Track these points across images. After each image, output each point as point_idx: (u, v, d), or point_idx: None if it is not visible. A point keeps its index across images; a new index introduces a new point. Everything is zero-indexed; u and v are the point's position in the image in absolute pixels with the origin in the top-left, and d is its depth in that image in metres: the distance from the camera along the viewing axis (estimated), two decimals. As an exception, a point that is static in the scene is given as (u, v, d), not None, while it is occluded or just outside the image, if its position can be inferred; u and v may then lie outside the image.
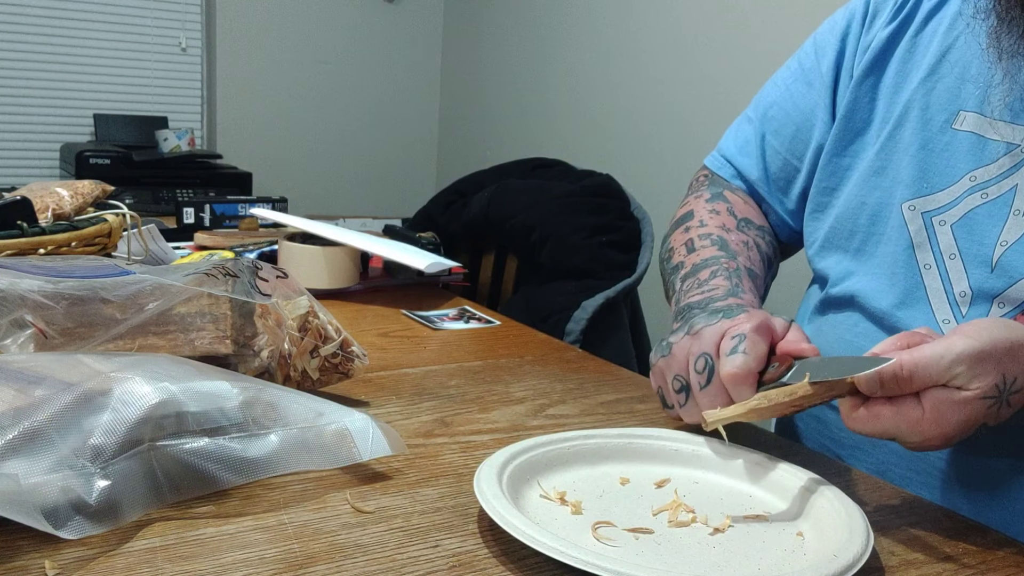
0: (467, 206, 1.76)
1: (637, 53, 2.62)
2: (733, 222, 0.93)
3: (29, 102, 2.96)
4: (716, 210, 0.94)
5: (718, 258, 0.86)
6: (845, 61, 0.90)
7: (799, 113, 0.94)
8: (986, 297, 0.75)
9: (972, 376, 0.59)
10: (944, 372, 0.59)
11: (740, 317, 0.70)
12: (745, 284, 0.82)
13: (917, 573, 0.57)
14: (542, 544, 0.51)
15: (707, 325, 0.71)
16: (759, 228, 0.95)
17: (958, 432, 0.61)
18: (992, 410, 0.60)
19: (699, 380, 0.69)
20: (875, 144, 0.84)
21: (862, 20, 0.89)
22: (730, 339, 0.68)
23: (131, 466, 0.55)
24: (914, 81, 0.82)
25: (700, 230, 0.91)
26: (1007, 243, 0.74)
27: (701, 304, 0.78)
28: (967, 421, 0.60)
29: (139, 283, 0.69)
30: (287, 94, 3.32)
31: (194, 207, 1.57)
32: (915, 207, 0.79)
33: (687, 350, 0.71)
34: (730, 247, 0.88)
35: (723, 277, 0.82)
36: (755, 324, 0.68)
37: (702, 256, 0.87)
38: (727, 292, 0.79)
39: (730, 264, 0.85)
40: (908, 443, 0.62)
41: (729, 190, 0.98)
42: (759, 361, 0.67)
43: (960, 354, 0.59)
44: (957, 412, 0.59)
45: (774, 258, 0.96)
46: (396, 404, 0.81)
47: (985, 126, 0.77)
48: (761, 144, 0.97)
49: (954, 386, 0.59)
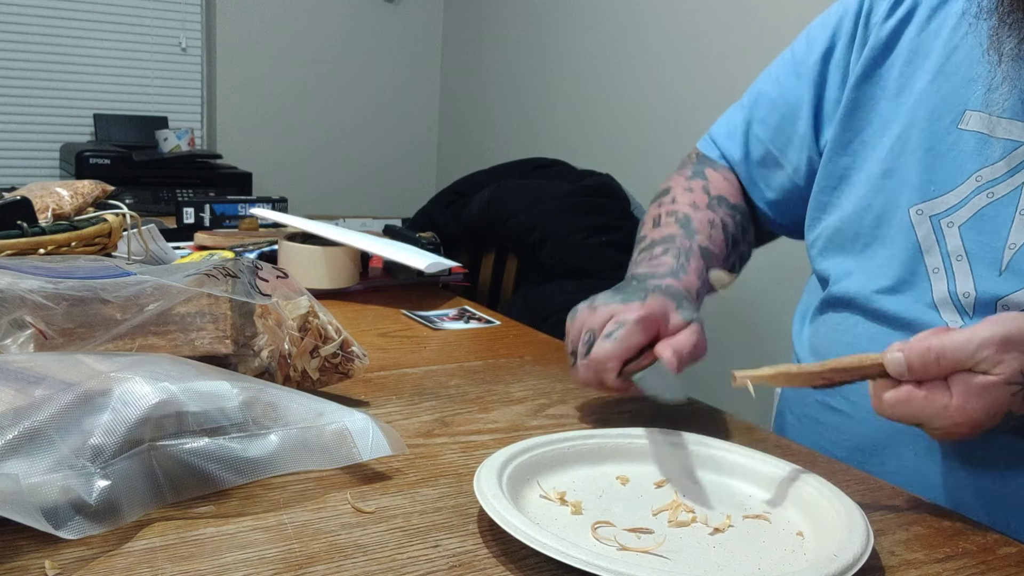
0: (467, 206, 1.76)
1: (637, 53, 2.62)
2: (704, 200, 0.96)
3: (29, 102, 2.96)
4: (691, 188, 0.97)
5: (675, 236, 0.90)
6: (835, 56, 0.90)
7: (785, 104, 0.95)
8: (991, 299, 0.75)
9: (997, 360, 0.60)
10: (970, 356, 0.60)
11: (634, 304, 0.75)
12: (692, 264, 0.86)
13: (917, 573, 0.57)
14: (542, 544, 0.51)
15: (604, 304, 0.76)
16: (732, 207, 0.97)
17: (984, 419, 0.61)
18: (1017, 397, 0.61)
19: (581, 351, 0.75)
20: (881, 145, 0.84)
21: (855, 16, 0.89)
22: (613, 323, 0.74)
23: (131, 466, 0.55)
24: (921, 82, 0.82)
25: (670, 207, 0.95)
26: (1015, 246, 0.74)
27: (641, 276, 0.84)
28: (993, 407, 0.61)
29: (139, 284, 0.69)
30: (287, 94, 3.32)
31: (194, 207, 1.57)
32: (922, 211, 0.79)
33: (583, 321, 0.77)
34: (692, 225, 0.92)
35: (671, 255, 0.87)
36: (640, 315, 0.73)
37: (662, 233, 0.92)
38: (669, 271, 0.85)
39: (684, 243, 0.89)
40: (935, 429, 0.63)
41: (712, 167, 1.00)
42: (626, 351, 0.73)
43: (986, 339, 0.60)
44: (983, 397, 0.60)
45: (741, 238, 0.98)
46: (396, 404, 0.81)
47: (990, 124, 0.76)
48: (746, 131, 0.99)
49: (980, 371, 0.60)
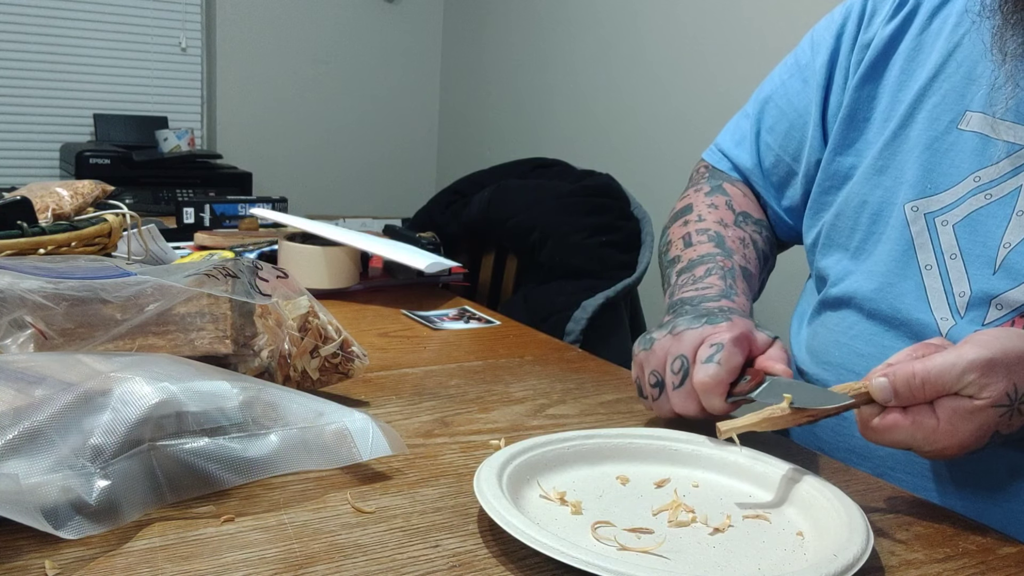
0: (467, 206, 1.76)
1: (637, 53, 2.62)
2: (731, 216, 0.93)
3: (29, 102, 2.96)
4: (715, 204, 0.95)
5: (714, 255, 0.87)
6: (840, 59, 0.90)
7: (793, 110, 0.94)
8: (985, 298, 0.75)
9: (983, 385, 0.59)
10: (956, 380, 0.59)
11: (722, 325, 0.71)
12: (739, 285, 0.83)
13: (917, 573, 0.57)
14: (542, 544, 0.51)
15: (689, 328, 0.72)
16: (756, 222, 0.95)
17: (972, 441, 0.61)
18: (1004, 418, 0.61)
19: (673, 380, 0.71)
20: (878, 142, 0.84)
21: (858, 19, 0.89)
22: (708, 347, 0.69)
23: (131, 466, 0.55)
24: (920, 80, 0.82)
25: (698, 224, 0.92)
26: (1010, 245, 0.74)
27: (693, 301, 0.79)
28: (980, 429, 0.61)
29: (139, 284, 0.69)
30: (287, 94, 3.32)
31: (194, 207, 1.57)
32: (918, 208, 0.79)
33: (667, 349, 0.72)
34: (726, 244, 0.89)
35: (718, 276, 0.83)
36: (735, 335, 0.70)
37: (698, 252, 0.88)
38: (720, 293, 0.80)
39: (725, 263, 0.85)
40: (924, 452, 0.63)
41: (729, 182, 0.99)
42: (731, 373, 0.69)
43: (972, 362, 0.59)
44: (970, 421, 0.60)
45: (770, 253, 0.97)
46: (396, 404, 0.81)
47: (990, 126, 0.76)
48: (756, 140, 0.98)
49: (966, 395, 0.60)
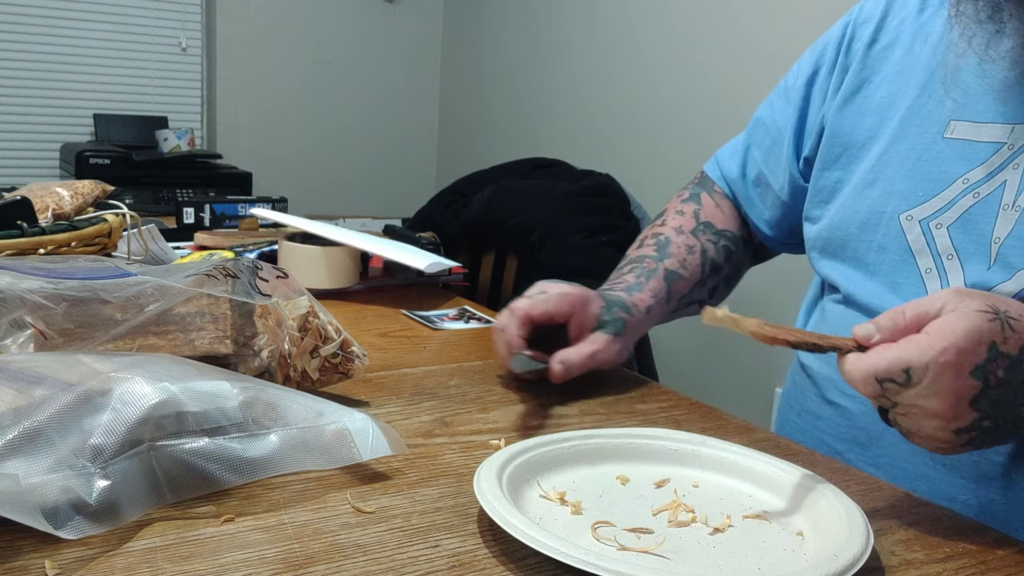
0: (467, 206, 1.76)
1: (637, 53, 2.62)
2: (692, 224, 1.02)
3: (29, 102, 2.96)
4: (682, 211, 1.04)
5: (645, 258, 0.98)
6: (818, 82, 0.95)
7: (775, 128, 1.00)
8: (982, 290, 0.75)
9: (960, 301, 0.61)
10: (933, 303, 0.61)
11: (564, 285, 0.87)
12: (649, 284, 0.95)
13: (917, 573, 0.57)
14: (542, 544, 0.51)
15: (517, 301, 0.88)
16: (717, 232, 1.02)
17: (968, 343, 0.59)
18: (995, 326, 0.60)
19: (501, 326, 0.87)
20: (867, 157, 0.87)
21: (837, 44, 0.94)
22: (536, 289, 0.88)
23: (131, 466, 0.55)
24: (908, 99, 0.85)
25: (657, 228, 1.03)
26: (1000, 239, 0.76)
27: (601, 290, 0.93)
28: (973, 331, 0.59)
29: (139, 284, 0.69)
30: (287, 94, 3.32)
31: (194, 207, 1.57)
32: (912, 216, 0.81)
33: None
34: (668, 248, 0.99)
35: (633, 275, 0.96)
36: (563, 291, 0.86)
37: (640, 252, 1.00)
38: (625, 287, 0.94)
39: (650, 264, 0.97)
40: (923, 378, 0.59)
41: (708, 192, 1.06)
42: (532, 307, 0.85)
43: (944, 292, 0.63)
44: (959, 321, 0.60)
45: (723, 262, 1.02)
46: (396, 404, 0.81)
47: (974, 130, 0.79)
48: (745, 153, 1.05)
49: (947, 311, 0.61)
